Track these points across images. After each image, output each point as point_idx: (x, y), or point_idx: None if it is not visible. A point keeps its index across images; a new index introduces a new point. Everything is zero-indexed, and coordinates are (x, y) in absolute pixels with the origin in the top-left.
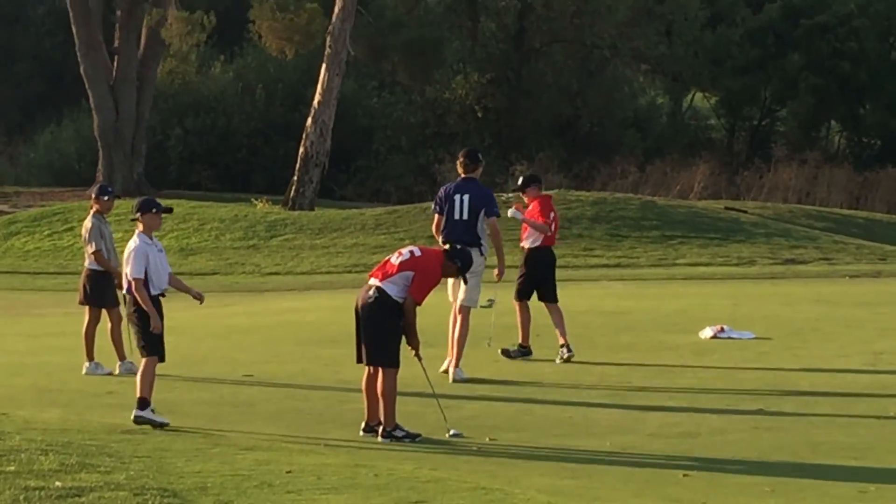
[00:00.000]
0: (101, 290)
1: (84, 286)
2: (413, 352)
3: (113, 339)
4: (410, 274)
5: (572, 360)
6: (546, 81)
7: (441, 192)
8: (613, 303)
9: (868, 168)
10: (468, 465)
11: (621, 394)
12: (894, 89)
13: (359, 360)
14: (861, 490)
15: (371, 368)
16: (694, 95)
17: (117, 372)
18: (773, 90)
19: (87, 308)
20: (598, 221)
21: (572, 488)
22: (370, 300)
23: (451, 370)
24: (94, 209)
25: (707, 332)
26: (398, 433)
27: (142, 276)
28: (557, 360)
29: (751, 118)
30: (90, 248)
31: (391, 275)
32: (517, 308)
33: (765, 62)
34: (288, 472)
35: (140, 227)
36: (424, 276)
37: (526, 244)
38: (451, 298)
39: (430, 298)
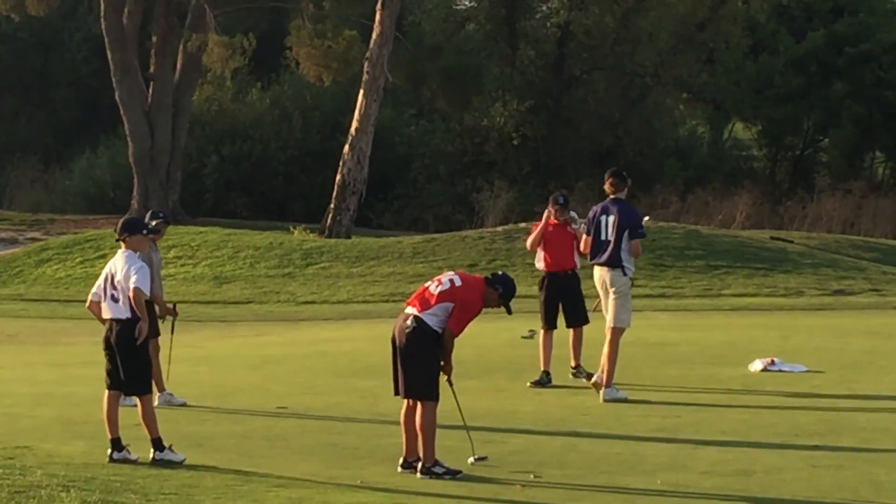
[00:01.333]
0: None
1: None
2: (446, 378)
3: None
4: (450, 305)
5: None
6: (586, 109)
7: (590, 213)
8: (658, 334)
9: None
10: None
11: (670, 429)
12: None
13: (396, 393)
14: None
15: (410, 401)
16: (734, 125)
17: (156, 403)
18: (816, 119)
19: None
20: (642, 251)
21: None
22: (408, 330)
23: (602, 391)
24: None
25: (757, 365)
26: (438, 469)
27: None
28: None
29: (793, 147)
30: None
31: (430, 305)
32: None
33: (808, 91)
34: None
35: (124, 247)
36: (464, 307)
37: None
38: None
39: (470, 329)
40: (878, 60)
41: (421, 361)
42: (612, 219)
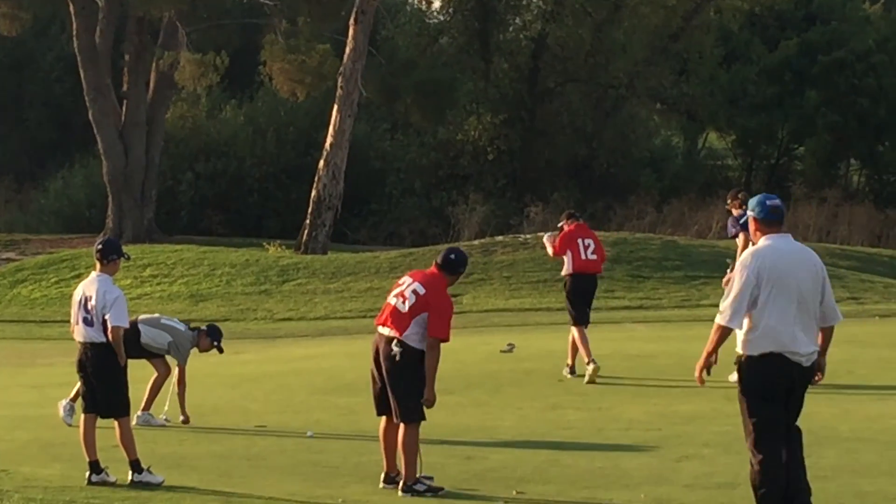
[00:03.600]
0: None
1: None
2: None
3: (152, 388)
4: (424, 315)
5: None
6: (560, 122)
7: None
8: (637, 346)
9: (889, 206)
10: None
11: (652, 442)
12: None
13: (380, 413)
14: None
15: (387, 417)
16: (708, 135)
17: (134, 422)
18: (791, 128)
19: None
20: (619, 262)
21: None
22: (394, 355)
23: None
24: None
25: (737, 376)
26: (419, 487)
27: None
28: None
29: (768, 156)
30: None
31: (407, 324)
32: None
33: (782, 100)
34: None
35: (99, 268)
36: (440, 310)
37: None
38: None
39: (449, 343)
40: (851, 68)
41: (410, 385)
42: None
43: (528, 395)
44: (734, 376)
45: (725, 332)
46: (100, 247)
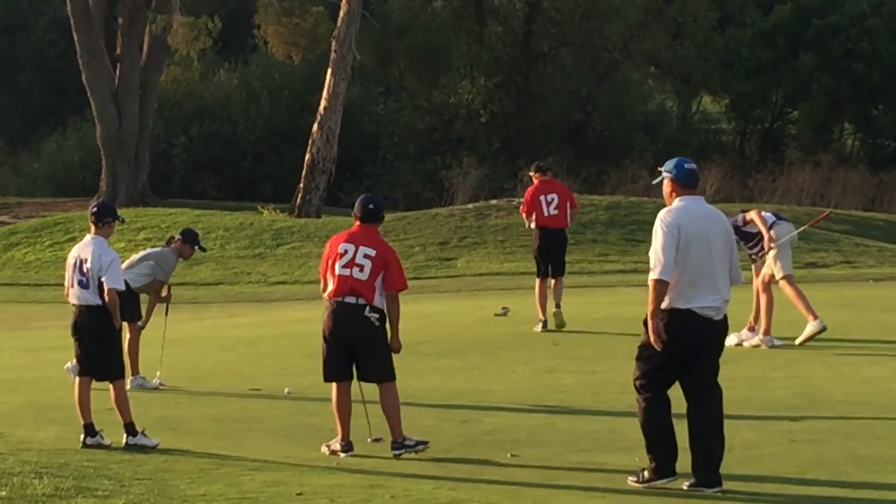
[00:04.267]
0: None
1: None
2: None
3: (131, 351)
4: (382, 273)
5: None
6: (554, 85)
7: None
8: (631, 310)
9: (883, 170)
10: (489, 485)
11: None
12: None
13: (338, 379)
14: None
15: (339, 384)
16: (702, 99)
17: (128, 387)
18: (785, 92)
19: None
20: (613, 226)
21: None
22: (376, 322)
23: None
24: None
25: (731, 339)
26: (409, 442)
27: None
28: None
29: (762, 121)
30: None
31: (373, 289)
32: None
33: (776, 64)
34: (299, 494)
35: (93, 230)
36: (393, 264)
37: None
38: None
39: (444, 307)
40: (846, 32)
41: (386, 347)
42: None
43: (522, 358)
44: (729, 340)
45: (662, 286)
46: (95, 209)
